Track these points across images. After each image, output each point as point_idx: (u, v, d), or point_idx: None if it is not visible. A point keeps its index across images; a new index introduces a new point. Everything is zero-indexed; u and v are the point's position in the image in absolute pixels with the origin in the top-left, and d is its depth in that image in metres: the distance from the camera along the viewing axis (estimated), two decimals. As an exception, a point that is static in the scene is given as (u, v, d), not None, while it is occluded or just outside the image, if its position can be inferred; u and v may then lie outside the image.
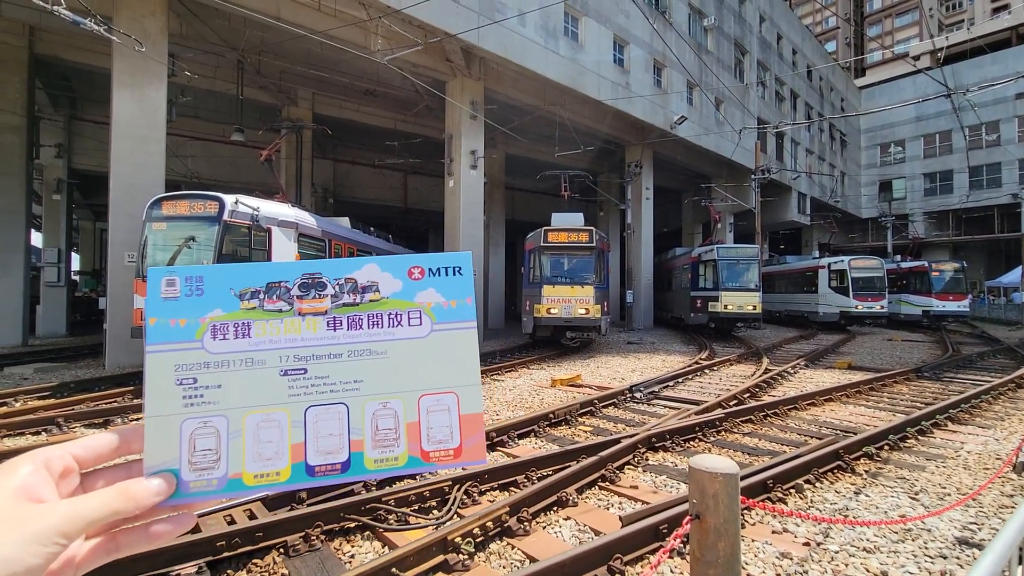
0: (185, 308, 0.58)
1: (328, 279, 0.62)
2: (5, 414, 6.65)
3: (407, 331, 0.62)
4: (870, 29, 66.55)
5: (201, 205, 8.87)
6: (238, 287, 0.60)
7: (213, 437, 0.56)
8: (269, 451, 0.57)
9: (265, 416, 0.58)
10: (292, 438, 0.58)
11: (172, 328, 0.57)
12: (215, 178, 19.91)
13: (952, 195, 38.03)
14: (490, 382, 9.36)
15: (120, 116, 10.64)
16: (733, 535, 1.50)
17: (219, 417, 0.56)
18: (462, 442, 0.61)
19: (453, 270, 0.64)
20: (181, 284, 0.59)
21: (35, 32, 13.95)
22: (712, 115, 23.42)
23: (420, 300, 0.63)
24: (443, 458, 0.60)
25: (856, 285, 20.93)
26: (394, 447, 0.59)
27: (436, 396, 0.61)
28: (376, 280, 0.63)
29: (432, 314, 0.63)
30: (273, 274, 0.61)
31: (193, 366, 0.57)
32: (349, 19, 12.39)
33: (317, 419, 0.59)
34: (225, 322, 0.59)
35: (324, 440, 0.58)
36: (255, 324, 0.59)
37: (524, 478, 4.30)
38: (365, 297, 0.62)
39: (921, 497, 4.14)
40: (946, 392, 8.37)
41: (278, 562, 3.07)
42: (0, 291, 14.01)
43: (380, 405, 0.60)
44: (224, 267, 0.60)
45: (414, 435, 0.60)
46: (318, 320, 0.61)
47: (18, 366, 10.58)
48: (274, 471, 0.57)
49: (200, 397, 0.56)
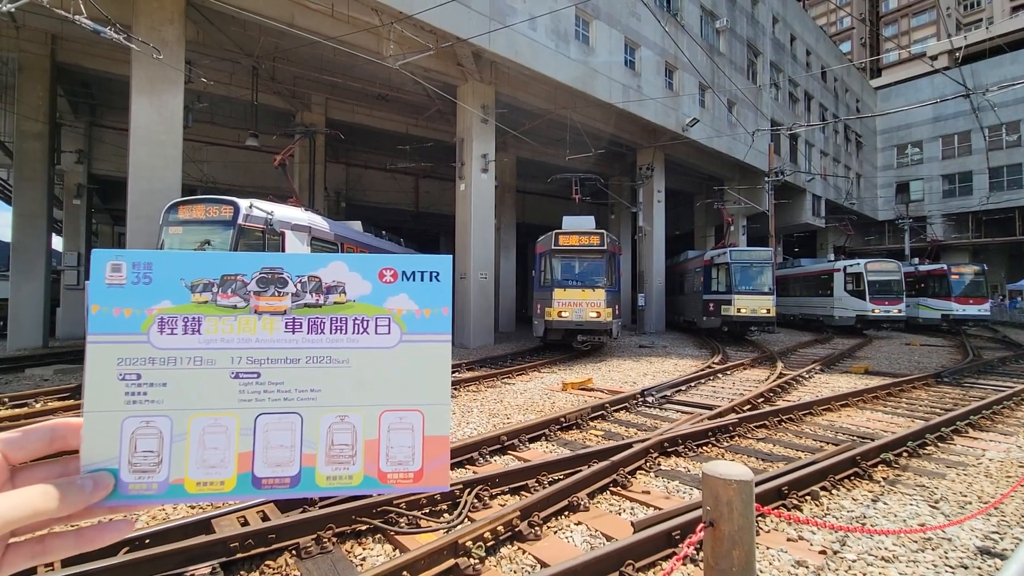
0: (131, 297, 0.54)
1: (290, 275, 0.57)
2: (26, 415, 6.79)
3: (373, 339, 0.58)
4: (886, 29, 65.69)
5: (216, 209, 9.00)
6: (190, 278, 0.55)
7: (156, 439, 0.52)
8: (214, 458, 0.53)
9: (212, 420, 0.54)
10: (239, 446, 0.54)
11: (116, 318, 0.53)
12: (230, 183, 20.19)
13: (972, 197, 37.28)
14: (501, 385, 9.36)
15: (138, 122, 10.84)
16: (748, 543, 1.48)
17: (163, 417, 0.53)
18: (424, 465, 0.56)
19: (430, 275, 0.59)
20: (128, 270, 0.54)
21: (57, 41, 14.29)
22: (724, 117, 23.25)
23: (390, 306, 0.58)
24: (401, 480, 0.56)
25: (872, 288, 20.59)
26: (349, 464, 0.55)
27: (399, 413, 0.57)
28: (343, 280, 0.58)
29: (402, 323, 0.58)
30: (229, 265, 0.56)
31: (137, 361, 0.53)
32: (362, 25, 12.52)
33: (268, 428, 0.55)
34: (174, 315, 0.54)
35: (274, 451, 0.54)
36: (206, 320, 0.55)
37: (535, 482, 4.28)
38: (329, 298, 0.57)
39: (941, 505, 4.05)
40: (967, 398, 8.19)
41: (290, 564, 3.09)
42: (23, 294, 14.33)
43: (337, 418, 0.56)
44: (175, 254, 0.56)
45: (372, 454, 0.56)
46: (276, 320, 0.56)
47: (39, 367, 10.80)
48: (218, 480, 0.53)
49: (143, 395, 0.53)
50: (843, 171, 37.13)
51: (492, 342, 16.03)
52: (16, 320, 14.26)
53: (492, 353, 13.38)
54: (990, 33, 41.12)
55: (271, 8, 11.74)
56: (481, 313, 15.69)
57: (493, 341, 16.17)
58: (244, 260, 0.57)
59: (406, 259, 0.59)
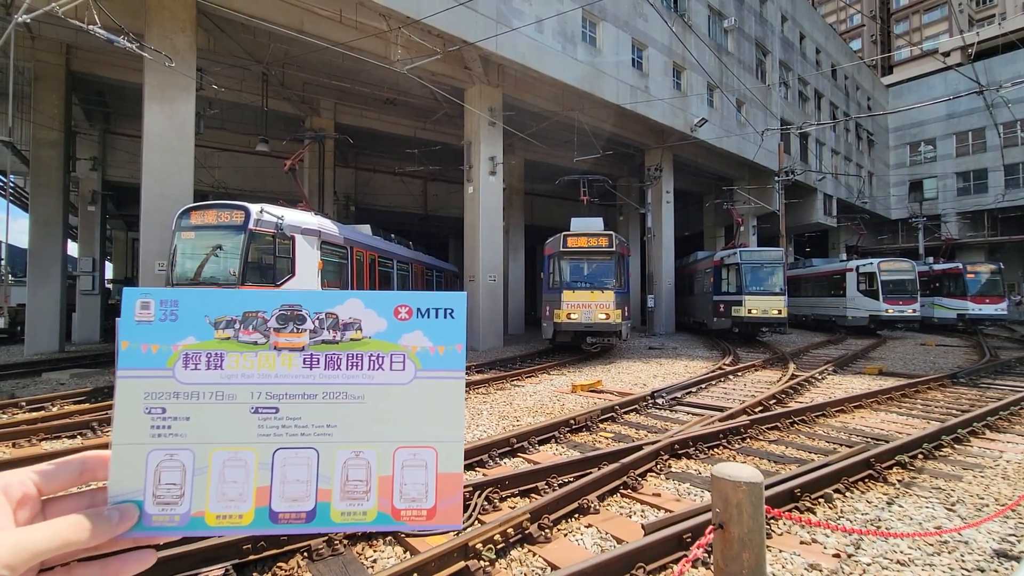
0: (158, 333, 0.56)
1: (308, 312, 0.58)
2: (43, 418, 6.90)
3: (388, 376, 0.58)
4: (897, 26, 64.94)
5: (228, 214, 9.11)
6: (213, 315, 0.57)
7: (179, 471, 0.54)
8: (233, 492, 0.54)
9: (232, 454, 0.55)
10: (258, 480, 0.55)
11: (144, 354, 0.55)
12: (241, 188, 20.43)
13: (987, 194, 36.71)
14: (510, 387, 9.36)
15: (151, 129, 11.01)
16: (758, 546, 1.46)
17: (186, 451, 0.54)
18: (437, 503, 0.56)
19: (445, 312, 0.60)
20: (156, 308, 0.56)
21: (71, 50, 14.56)
22: (733, 117, 23.12)
23: (405, 343, 0.59)
24: (415, 518, 0.56)
25: (886, 288, 20.32)
26: (363, 501, 0.56)
27: (413, 450, 0.57)
28: (359, 317, 0.59)
29: (417, 359, 0.59)
30: (251, 303, 0.58)
31: (163, 395, 0.55)
32: (370, 30, 12.62)
33: (285, 463, 0.56)
34: (198, 351, 0.56)
35: (291, 486, 0.55)
36: (228, 356, 0.57)
37: (545, 484, 4.27)
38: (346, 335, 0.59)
39: (957, 508, 3.99)
40: (983, 399, 8.06)
41: (302, 566, 3.11)
42: (40, 299, 14.58)
43: (353, 454, 0.56)
44: (201, 292, 0.58)
45: (386, 490, 0.56)
46: (294, 356, 0.58)
47: (55, 371, 10.97)
48: (237, 513, 0.54)
49: (168, 428, 0.54)
50: (855, 170, 36.73)
51: (501, 344, 16.04)
52: (33, 325, 14.51)
53: (501, 355, 13.39)
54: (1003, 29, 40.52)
55: (280, 15, 11.88)
56: (490, 316, 15.70)
57: (502, 343, 16.17)
58: (264, 298, 0.58)
59: (421, 296, 0.60)
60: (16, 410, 7.46)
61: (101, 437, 6.15)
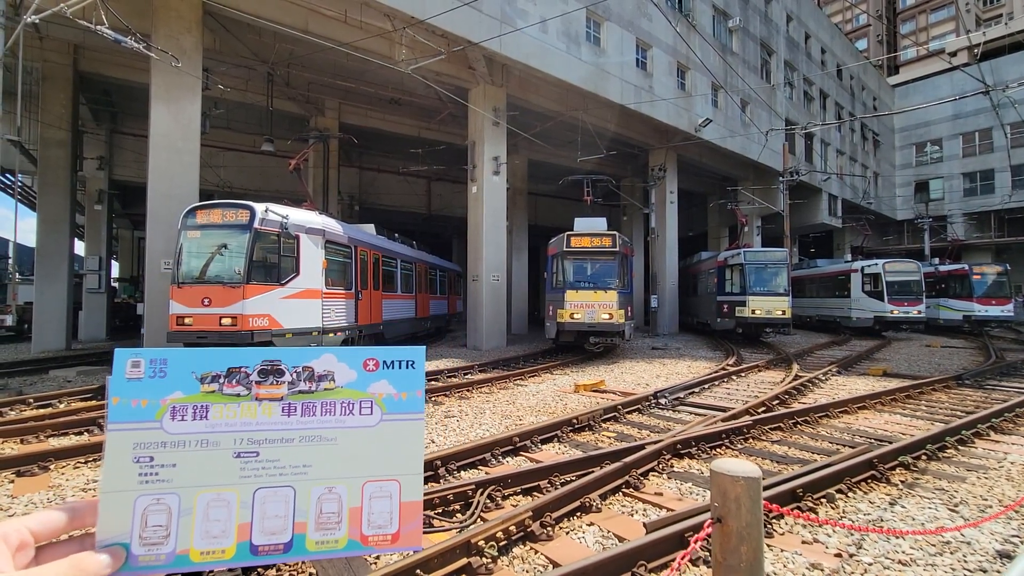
0: (147, 389, 0.60)
1: (287, 367, 0.65)
2: (51, 415, 6.97)
3: (358, 419, 0.65)
4: (903, 25, 64.59)
5: (233, 214, 9.17)
6: (200, 371, 0.62)
7: (165, 514, 0.58)
8: (216, 529, 0.59)
9: (216, 496, 0.60)
10: (239, 518, 0.60)
11: (133, 408, 0.60)
12: (246, 187, 20.53)
13: (994, 195, 36.48)
14: (513, 387, 9.38)
15: (157, 129, 11.08)
16: (756, 539, 1.48)
17: (172, 495, 0.59)
18: (400, 528, 0.63)
19: (407, 363, 0.68)
20: (145, 366, 0.61)
21: (79, 51, 14.67)
22: (738, 117, 23.06)
23: (373, 391, 0.66)
24: (381, 543, 0.63)
25: (891, 289, 20.23)
26: (335, 530, 0.62)
27: (380, 483, 0.64)
28: (332, 369, 0.66)
29: (383, 404, 0.66)
30: (235, 360, 0.64)
31: (151, 445, 0.59)
32: (374, 30, 12.66)
33: (265, 500, 0.61)
34: (185, 404, 0.61)
35: (270, 521, 0.61)
36: (213, 407, 0.62)
37: (547, 483, 4.29)
38: (320, 385, 0.65)
39: (961, 509, 3.98)
40: (989, 400, 8.03)
41: (306, 561, 3.14)
42: (47, 297, 14.70)
43: (326, 490, 0.63)
44: (189, 351, 0.63)
45: (355, 520, 0.62)
46: (274, 405, 0.64)
47: (62, 369, 11.07)
48: (219, 549, 0.59)
49: (155, 475, 0.59)
50: (860, 170, 36.57)
51: (504, 344, 16.06)
52: (40, 323, 14.63)
53: (504, 355, 13.41)
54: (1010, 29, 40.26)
55: (286, 15, 11.93)
56: (493, 315, 15.73)
57: (505, 343, 16.19)
58: (247, 355, 0.64)
59: (386, 351, 0.68)
60: (24, 407, 7.53)
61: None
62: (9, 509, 4.09)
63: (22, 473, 4.77)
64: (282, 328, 9.29)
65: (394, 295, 14.66)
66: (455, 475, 4.66)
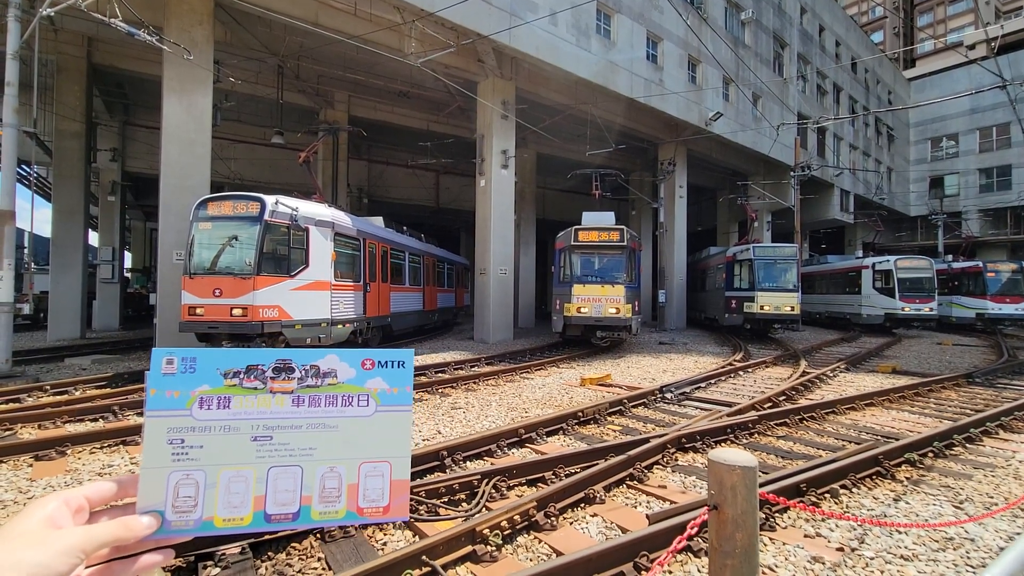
0: (180, 383, 0.71)
1: (297, 365, 0.76)
2: (67, 401, 7.13)
3: (356, 410, 0.76)
4: (920, 18, 63.40)
5: (244, 206, 9.26)
6: (223, 367, 0.73)
7: (193, 487, 0.69)
8: (236, 500, 0.70)
9: (236, 472, 0.71)
10: (255, 491, 0.71)
11: (168, 398, 0.70)
12: (256, 179, 20.67)
13: (1010, 191, 35.86)
14: (520, 380, 9.43)
15: (169, 121, 11.19)
16: (751, 526, 1.51)
17: (199, 471, 0.70)
18: (391, 502, 0.75)
19: (397, 363, 0.79)
20: (178, 363, 0.72)
21: (93, 43, 14.82)
22: (749, 111, 22.83)
23: (369, 386, 0.77)
24: (374, 513, 0.74)
25: (903, 286, 20.01)
26: (336, 503, 0.73)
27: (373, 464, 0.75)
28: (335, 368, 0.77)
29: (377, 398, 0.77)
30: (253, 359, 0.75)
31: (182, 429, 0.70)
32: (384, 23, 12.67)
33: (277, 477, 0.72)
34: (211, 395, 0.72)
35: (281, 494, 0.72)
36: (235, 398, 0.73)
37: (552, 474, 4.34)
38: (325, 381, 0.76)
39: (966, 506, 3.98)
40: (999, 399, 7.96)
41: (315, 546, 3.22)
42: (62, 287, 14.96)
43: (328, 469, 0.74)
44: (214, 351, 0.74)
45: (353, 494, 0.74)
46: (285, 397, 0.75)
47: (77, 357, 11.28)
48: (239, 517, 0.70)
49: (186, 455, 0.69)
50: (873, 165, 36.09)
51: (511, 337, 16.12)
52: (55, 312, 14.90)
53: (511, 348, 13.47)
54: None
55: (296, 8, 11.97)
56: (500, 309, 15.78)
57: (512, 336, 16.25)
58: (264, 354, 0.75)
59: (380, 353, 0.80)
60: (41, 393, 7.71)
61: (122, 420, 6.34)
62: (28, 491, 4.21)
63: (40, 457, 4.90)
64: (291, 319, 9.39)
65: (402, 288, 14.74)
66: (461, 465, 4.72)
